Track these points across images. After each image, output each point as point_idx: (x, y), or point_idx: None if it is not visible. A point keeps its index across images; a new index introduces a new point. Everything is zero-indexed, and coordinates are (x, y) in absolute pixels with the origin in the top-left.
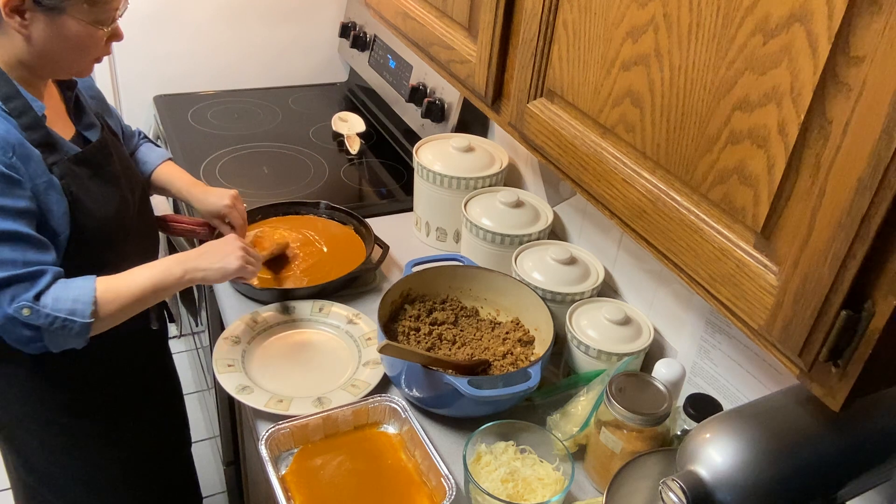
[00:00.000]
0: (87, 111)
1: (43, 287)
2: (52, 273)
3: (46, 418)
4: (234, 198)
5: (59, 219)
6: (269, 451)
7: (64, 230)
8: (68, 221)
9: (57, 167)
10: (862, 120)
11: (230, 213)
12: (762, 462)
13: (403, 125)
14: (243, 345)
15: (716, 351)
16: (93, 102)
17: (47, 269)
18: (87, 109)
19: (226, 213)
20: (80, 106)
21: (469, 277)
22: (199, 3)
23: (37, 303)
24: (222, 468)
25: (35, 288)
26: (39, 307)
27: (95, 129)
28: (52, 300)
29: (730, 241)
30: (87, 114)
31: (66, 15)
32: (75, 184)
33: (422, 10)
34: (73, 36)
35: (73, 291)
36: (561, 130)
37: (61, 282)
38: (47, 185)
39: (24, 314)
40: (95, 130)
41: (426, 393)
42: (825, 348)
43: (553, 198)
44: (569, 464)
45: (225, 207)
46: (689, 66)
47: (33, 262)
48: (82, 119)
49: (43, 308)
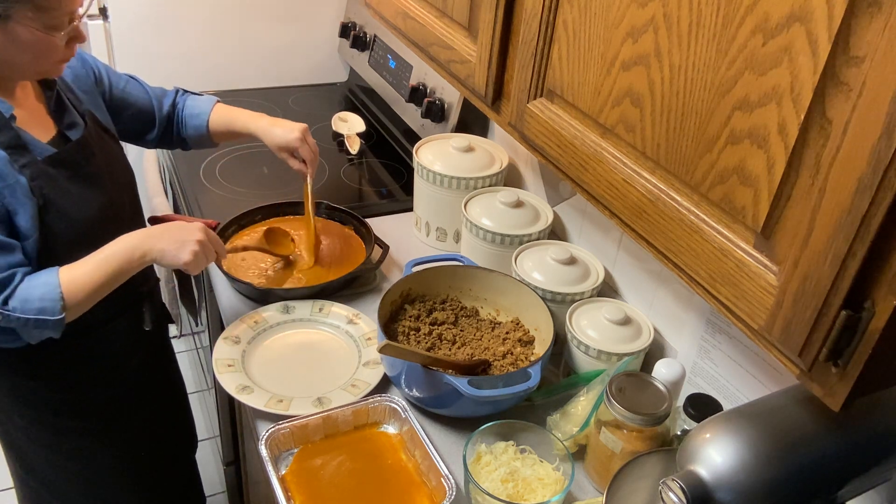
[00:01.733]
0: (69, 110)
1: (8, 293)
2: (21, 275)
3: (34, 417)
4: (304, 131)
5: (26, 222)
6: (269, 451)
7: (32, 233)
8: (37, 224)
9: (28, 169)
10: (862, 120)
11: (301, 148)
12: (762, 462)
13: (403, 125)
14: (243, 345)
15: (716, 351)
16: (85, 97)
17: (16, 273)
18: (69, 108)
19: (296, 147)
20: (61, 105)
21: (469, 277)
22: (199, 3)
23: (5, 307)
24: (222, 468)
25: (3, 293)
26: (9, 312)
27: (78, 128)
28: (20, 303)
29: (730, 241)
30: (70, 112)
31: (13, 22)
32: (49, 186)
33: (422, 10)
34: (24, 42)
35: (38, 290)
36: (561, 130)
37: (26, 281)
38: (12, 187)
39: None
40: (78, 129)
41: (426, 393)
42: (825, 348)
43: (553, 198)
44: (569, 464)
45: (296, 140)
46: (689, 65)
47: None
48: (63, 118)
49: (13, 312)
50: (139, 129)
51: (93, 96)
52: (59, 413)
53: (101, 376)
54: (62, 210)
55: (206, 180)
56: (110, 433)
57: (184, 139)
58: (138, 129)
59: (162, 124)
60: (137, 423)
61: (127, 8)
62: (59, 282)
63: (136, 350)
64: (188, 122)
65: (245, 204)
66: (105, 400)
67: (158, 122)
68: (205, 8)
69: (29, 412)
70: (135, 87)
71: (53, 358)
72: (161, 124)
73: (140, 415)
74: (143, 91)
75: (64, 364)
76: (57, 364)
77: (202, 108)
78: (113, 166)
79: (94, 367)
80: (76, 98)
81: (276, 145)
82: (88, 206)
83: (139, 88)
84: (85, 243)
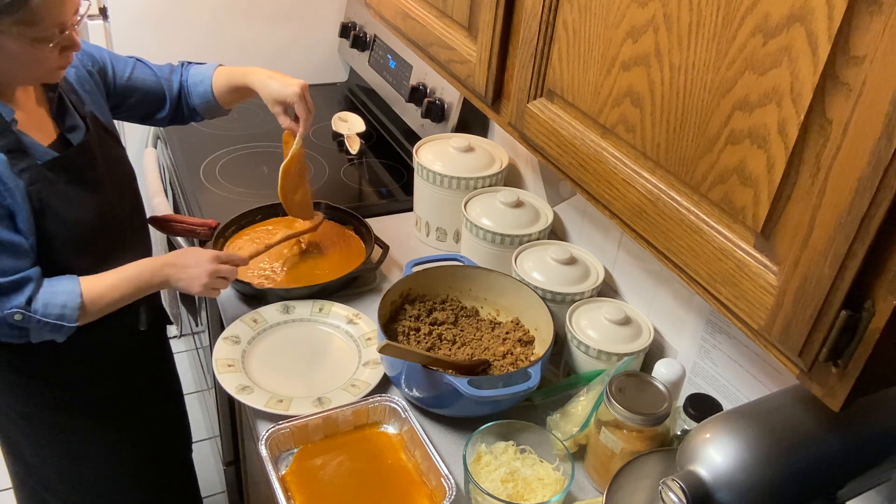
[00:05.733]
0: (70, 112)
1: (31, 293)
2: (35, 278)
3: (31, 414)
4: (304, 87)
5: (23, 224)
6: (269, 451)
7: (30, 236)
8: (33, 228)
9: (27, 173)
10: (862, 120)
11: (297, 103)
12: (762, 462)
13: (403, 125)
14: (243, 345)
15: (716, 351)
16: (88, 98)
17: (31, 276)
18: (70, 111)
19: (292, 102)
20: (63, 108)
21: (469, 277)
22: (199, 3)
23: (28, 308)
24: (222, 468)
25: (23, 295)
26: (31, 313)
27: (79, 130)
28: (42, 306)
29: (730, 241)
30: (71, 115)
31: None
32: (47, 190)
33: (422, 10)
34: (14, 54)
35: (60, 297)
36: (561, 130)
37: (46, 284)
38: (12, 190)
39: (16, 319)
40: (79, 132)
41: (426, 393)
42: (825, 348)
43: (553, 198)
44: (569, 464)
45: (293, 95)
46: (689, 66)
47: (14, 270)
48: (65, 121)
49: (34, 314)
50: (148, 111)
51: (95, 96)
52: (55, 410)
53: (97, 375)
54: (60, 214)
55: (206, 180)
56: (105, 431)
57: (193, 109)
58: (148, 110)
59: (173, 102)
60: (133, 422)
61: (127, 8)
62: (81, 292)
63: (133, 350)
64: (192, 90)
65: (245, 204)
66: (100, 398)
67: (170, 101)
68: (205, 8)
69: (26, 410)
70: (141, 71)
71: (49, 356)
72: (172, 102)
73: (136, 414)
74: (150, 73)
75: (59, 362)
76: (52, 362)
77: (205, 73)
78: (114, 169)
79: (89, 365)
80: (79, 99)
81: (271, 98)
82: (87, 210)
83: (146, 71)
84: (84, 247)
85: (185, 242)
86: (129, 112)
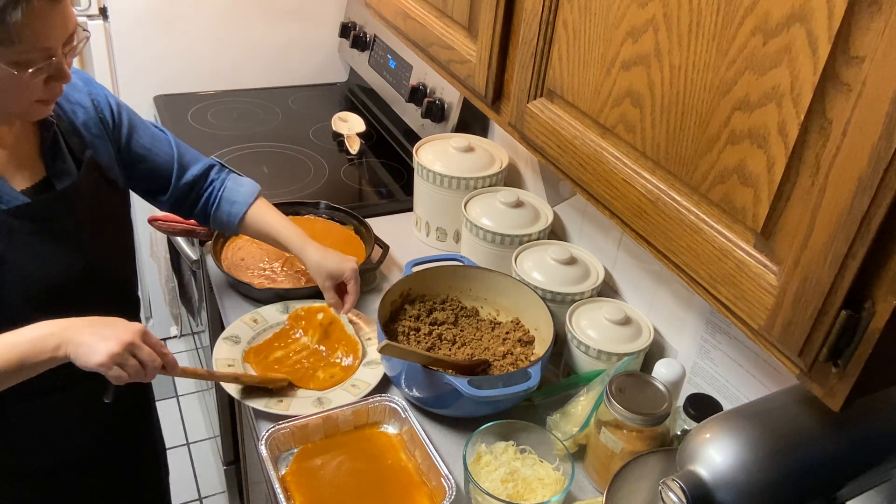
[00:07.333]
0: (62, 156)
1: None
2: None
3: None
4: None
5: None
6: (269, 451)
7: None
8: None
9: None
10: (862, 120)
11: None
12: (762, 462)
13: (403, 125)
14: (243, 345)
15: (716, 351)
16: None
17: None
18: (63, 154)
19: (349, 278)
20: (56, 149)
21: (469, 277)
22: (199, 3)
23: None
24: (222, 468)
25: None
26: None
27: (67, 177)
28: None
29: (730, 241)
30: (63, 158)
31: None
32: (6, 240)
33: (422, 10)
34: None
35: None
36: (561, 130)
37: None
38: None
39: None
40: (67, 179)
41: (426, 393)
42: (825, 348)
43: (553, 198)
44: (569, 464)
45: (351, 271)
46: (689, 66)
47: None
48: (56, 164)
49: None
50: (151, 188)
51: (103, 142)
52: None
53: (46, 443)
54: (18, 267)
55: None
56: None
57: (208, 216)
58: (150, 187)
59: (178, 192)
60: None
61: (127, 8)
62: None
63: (95, 418)
64: (223, 205)
65: None
66: (46, 468)
67: (172, 187)
68: (205, 8)
69: None
70: (160, 145)
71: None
72: (176, 191)
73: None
74: (167, 149)
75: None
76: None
77: (244, 197)
78: (102, 224)
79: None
80: (80, 142)
81: (326, 272)
82: (53, 265)
83: (165, 146)
84: (48, 305)
85: (185, 242)
86: (135, 183)
